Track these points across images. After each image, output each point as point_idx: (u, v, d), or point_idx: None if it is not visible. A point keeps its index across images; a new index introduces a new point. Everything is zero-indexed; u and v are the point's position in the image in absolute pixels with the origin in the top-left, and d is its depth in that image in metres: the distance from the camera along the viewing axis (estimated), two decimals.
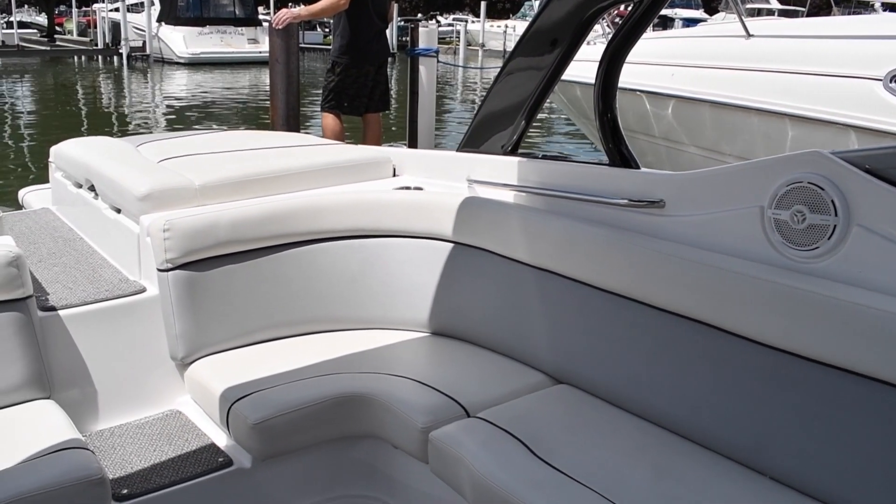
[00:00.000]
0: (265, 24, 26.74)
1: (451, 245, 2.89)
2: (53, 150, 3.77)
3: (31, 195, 4.12)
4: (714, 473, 2.05)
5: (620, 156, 2.65)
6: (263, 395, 2.46)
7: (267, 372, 2.61)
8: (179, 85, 22.03)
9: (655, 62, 6.48)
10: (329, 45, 8.11)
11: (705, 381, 2.16)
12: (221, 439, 2.59)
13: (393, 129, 11.85)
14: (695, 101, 6.17)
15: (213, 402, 2.55)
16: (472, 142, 3.18)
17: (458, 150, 3.26)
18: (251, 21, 29.07)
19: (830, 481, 1.90)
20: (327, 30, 34.42)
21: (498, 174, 3.00)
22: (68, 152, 3.54)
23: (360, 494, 2.69)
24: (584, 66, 4.74)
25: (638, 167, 2.62)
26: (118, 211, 3.07)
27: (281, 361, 2.68)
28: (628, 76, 2.72)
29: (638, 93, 6.59)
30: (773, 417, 2.01)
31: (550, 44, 2.83)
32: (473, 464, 2.09)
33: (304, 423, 2.43)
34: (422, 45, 7.11)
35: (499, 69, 3.08)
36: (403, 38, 28.44)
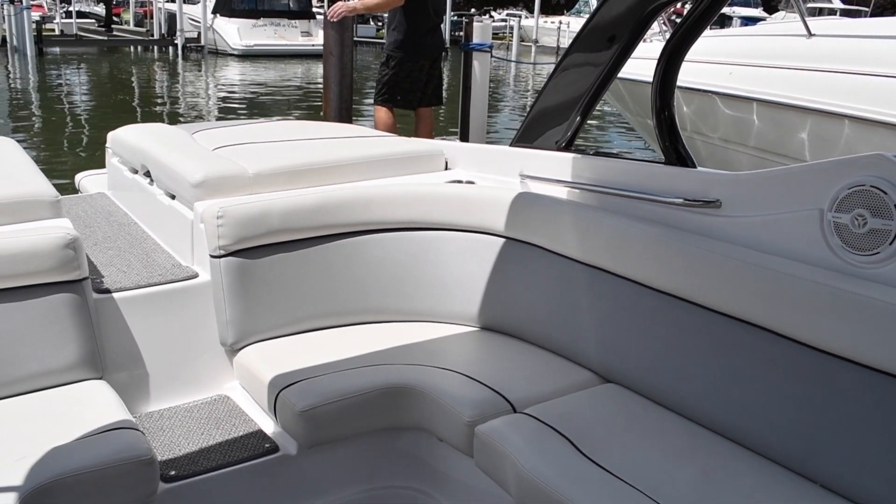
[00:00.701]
0: (319, 18, 26.89)
1: (503, 240, 2.88)
2: (110, 135, 3.83)
3: (87, 180, 4.19)
4: (763, 479, 2.01)
5: (676, 154, 2.62)
6: (311, 383, 2.47)
7: (315, 360, 2.62)
8: (232, 76, 22.27)
9: (713, 60, 6.38)
10: (382, 38, 8.14)
11: (757, 385, 2.12)
12: (268, 425, 2.61)
13: (451, 129, 11.84)
14: (753, 100, 6.07)
15: (261, 388, 2.57)
16: (526, 137, 3.16)
17: (511, 145, 3.25)
18: (305, 14, 29.23)
19: (882, 490, 1.86)
20: (380, 23, 34.44)
21: (551, 170, 2.98)
22: (125, 138, 3.60)
23: (404, 486, 2.69)
24: (638, 62, 4.69)
25: (694, 166, 2.58)
26: (172, 197, 3.11)
27: (329, 351, 2.70)
28: (684, 74, 2.68)
29: (694, 91, 6.49)
30: (827, 424, 1.97)
31: (608, 40, 2.81)
32: (519, 459, 2.08)
33: (350, 413, 2.43)
34: (476, 39, 7.10)
35: (553, 65, 3.06)
36: (456, 33, 28.35)
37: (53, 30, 31.18)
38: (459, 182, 3.16)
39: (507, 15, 34.87)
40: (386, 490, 2.69)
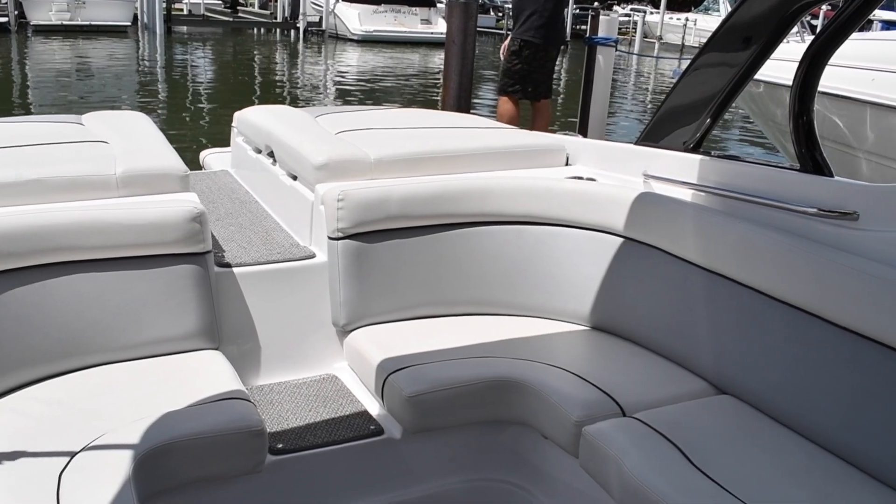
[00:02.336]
0: (440, 6, 26.92)
1: (621, 240, 2.82)
2: (236, 115, 3.92)
3: (211, 157, 4.32)
4: None
5: (813, 162, 2.52)
6: (420, 369, 2.48)
7: (424, 347, 2.63)
8: (351, 61, 22.61)
9: (853, 65, 6.09)
10: (501, 29, 8.11)
11: (886, 409, 2.02)
12: (374, 408, 2.63)
13: (558, 121, 11.74)
14: None
15: (369, 370, 2.59)
16: (653, 136, 3.09)
17: (636, 143, 3.18)
18: (426, 1, 29.39)
19: None
20: (500, 14, 34.27)
21: (677, 171, 2.90)
22: (251, 118, 3.68)
23: (504, 480, 2.68)
24: (772, 63, 4.51)
25: (831, 175, 2.48)
26: (294, 178, 3.16)
27: (439, 339, 2.70)
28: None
29: (832, 96, 6.21)
30: None
31: (745, 40, 2.72)
32: (626, 463, 2.04)
33: (456, 402, 2.43)
34: (601, 33, 6.98)
35: (677, 60, 2.99)
36: (578, 27, 27.93)
37: (182, 9, 32.23)
38: (580, 178, 3.11)
39: (632, 9, 33.84)
40: (486, 482, 2.68)
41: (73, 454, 1.96)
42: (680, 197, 2.79)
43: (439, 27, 26.09)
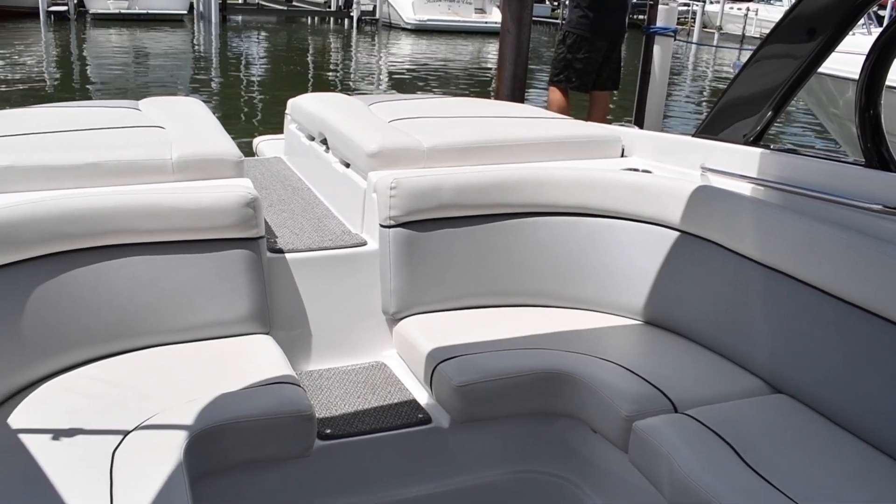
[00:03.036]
0: None
1: (677, 233, 2.78)
2: (290, 102, 3.95)
3: (264, 144, 4.35)
4: None
5: (879, 157, 2.45)
6: (469, 359, 2.47)
7: (475, 338, 2.62)
8: (404, 50, 22.64)
9: None
10: (556, 19, 8.05)
11: None
12: (423, 396, 2.63)
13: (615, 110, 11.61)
14: None
15: (418, 359, 2.59)
16: (711, 128, 3.03)
17: (694, 136, 3.13)
18: None
19: None
20: (556, 3, 33.99)
21: (736, 164, 2.85)
22: (304, 106, 3.69)
23: (551, 472, 2.66)
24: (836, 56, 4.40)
25: None
26: (347, 165, 3.17)
27: (489, 329, 2.69)
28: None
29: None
30: None
31: (810, 32, 2.65)
32: (677, 460, 2.01)
33: (506, 393, 2.42)
34: (659, 23, 6.86)
35: (736, 50, 2.94)
36: (636, 17, 27.55)
37: None
38: (635, 170, 3.06)
39: None
40: (533, 474, 2.66)
41: (126, 433, 1.99)
42: (739, 191, 2.74)
43: (493, 16, 25.98)
